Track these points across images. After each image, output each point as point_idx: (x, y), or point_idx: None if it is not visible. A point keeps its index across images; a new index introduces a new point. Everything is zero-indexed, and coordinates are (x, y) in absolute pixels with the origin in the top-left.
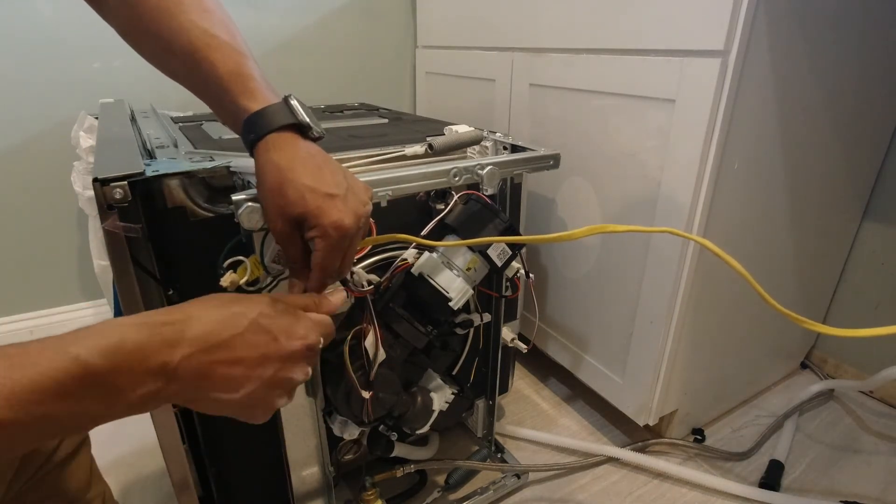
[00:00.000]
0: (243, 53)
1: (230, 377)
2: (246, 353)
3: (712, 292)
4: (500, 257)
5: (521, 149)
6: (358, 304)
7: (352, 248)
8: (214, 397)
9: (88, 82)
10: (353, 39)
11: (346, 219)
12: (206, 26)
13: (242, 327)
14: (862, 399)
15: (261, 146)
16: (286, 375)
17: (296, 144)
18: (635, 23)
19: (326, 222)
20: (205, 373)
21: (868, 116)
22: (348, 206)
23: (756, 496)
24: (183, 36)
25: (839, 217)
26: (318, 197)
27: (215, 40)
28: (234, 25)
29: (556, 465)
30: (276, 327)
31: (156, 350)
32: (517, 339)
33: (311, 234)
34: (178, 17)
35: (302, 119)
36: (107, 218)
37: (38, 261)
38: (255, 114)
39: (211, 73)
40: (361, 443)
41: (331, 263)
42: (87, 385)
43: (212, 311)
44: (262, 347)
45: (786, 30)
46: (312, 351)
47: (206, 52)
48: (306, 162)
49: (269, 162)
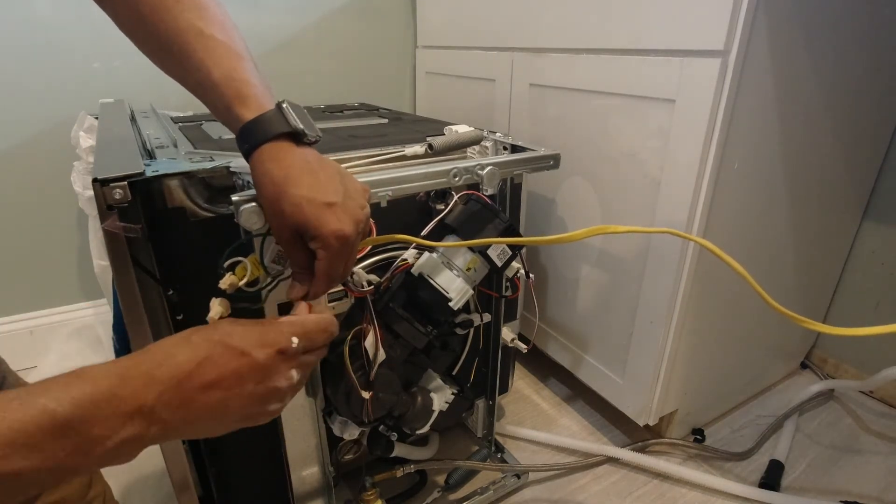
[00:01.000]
0: (239, 55)
1: (210, 404)
2: (217, 376)
3: (712, 292)
4: (501, 257)
5: (521, 149)
6: (358, 304)
7: (354, 253)
8: (203, 426)
9: (88, 82)
10: (353, 39)
11: (345, 227)
12: (202, 26)
13: (207, 351)
14: (862, 399)
15: (255, 157)
16: (269, 385)
17: (290, 153)
18: (635, 23)
19: (326, 232)
20: (184, 405)
21: (868, 116)
22: (347, 212)
23: (756, 496)
24: (179, 36)
25: (839, 217)
26: (315, 207)
27: (212, 41)
28: (232, 24)
29: (556, 465)
30: (242, 342)
31: (129, 394)
32: (517, 339)
33: (313, 245)
34: (176, 16)
35: (295, 126)
36: (107, 218)
37: (38, 261)
38: (249, 123)
39: (206, 77)
40: (361, 443)
41: (335, 270)
42: (58, 436)
43: (177, 347)
44: (232, 364)
45: (786, 30)
46: (287, 354)
47: (202, 55)
48: (302, 171)
49: (264, 174)
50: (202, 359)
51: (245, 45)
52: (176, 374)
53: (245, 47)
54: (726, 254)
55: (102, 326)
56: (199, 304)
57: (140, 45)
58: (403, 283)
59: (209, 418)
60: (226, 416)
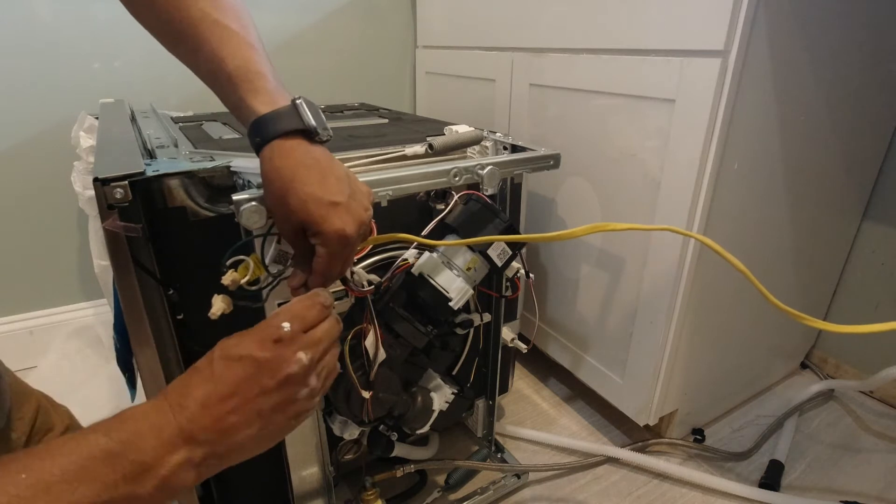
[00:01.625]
0: (254, 47)
1: (240, 415)
2: (231, 387)
3: (712, 292)
4: (501, 257)
5: (522, 149)
6: (358, 304)
7: (352, 253)
8: (248, 439)
9: (88, 82)
10: (353, 39)
11: (347, 227)
12: (217, 17)
13: (212, 370)
14: (862, 399)
15: (266, 151)
16: (282, 375)
17: (301, 150)
18: (635, 23)
19: (329, 231)
20: (216, 424)
21: (868, 116)
22: (351, 213)
23: (756, 496)
24: (193, 26)
25: (839, 217)
26: (320, 206)
27: (226, 32)
28: (248, 13)
29: (556, 465)
30: (239, 349)
31: (167, 422)
32: (517, 339)
33: (314, 241)
34: (190, 5)
35: (309, 123)
36: (107, 218)
37: (38, 261)
38: (262, 117)
39: (220, 68)
40: (361, 443)
41: (332, 268)
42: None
43: (189, 378)
44: (238, 372)
45: (786, 30)
46: (284, 340)
47: (216, 45)
48: (311, 169)
49: (273, 169)
50: (211, 378)
51: (259, 36)
52: (197, 398)
53: (258, 38)
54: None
55: (102, 326)
56: (200, 303)
57: (155, 34)
58: (403, 283)
59: (247, 428)
60: (265, 423)
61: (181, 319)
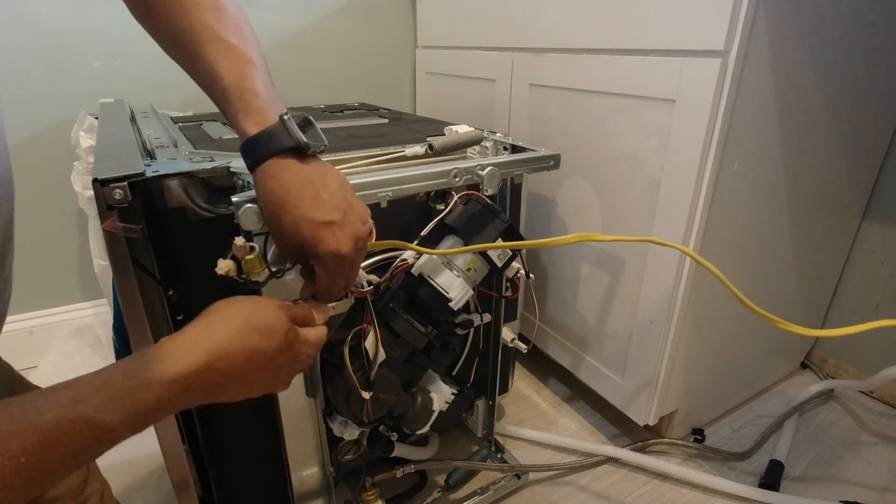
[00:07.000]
0: (251, 61)
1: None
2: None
3: (712, 292)
4: (501, 258)
5: (522, 149)
6: (358, 304)
7: (354, 268)
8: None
9: (88, 82)
10: (353, 39)
11: (342, 247)
12: (218, 30)
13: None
14: (862, 399)
15: (259, 173)
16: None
17: (292, 170)
18: (635, 23)
19: (322, 252)
20: (222, 374)
21: (868, 116)
22: (346, 231)
23: (756, 496)
24: (194, 37)
25: (839, 217)
26: (313, 227)
27: (224, 46)
28: (248, 25)
29: (556, 465)
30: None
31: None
32: (517, 339)
33: (312, 262)
34: (191, 16)
35: (298, 140)
36: (107, 218)
37: (38, 261)
38: (252, 139)
39: (215, 83)
40: (361, 443)
41: (333, 286)
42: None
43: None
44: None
45: (786, 30)
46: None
47: (213, 59)
48: (302, 189)
49: (266, 192)
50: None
51: (259, 49)
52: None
53: (258, 52)
54: (719, 257)
55: (102, 326)
56: (200, 303)
57: (156, 38)
58: (403, 283)
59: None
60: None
61: (181, 320)
